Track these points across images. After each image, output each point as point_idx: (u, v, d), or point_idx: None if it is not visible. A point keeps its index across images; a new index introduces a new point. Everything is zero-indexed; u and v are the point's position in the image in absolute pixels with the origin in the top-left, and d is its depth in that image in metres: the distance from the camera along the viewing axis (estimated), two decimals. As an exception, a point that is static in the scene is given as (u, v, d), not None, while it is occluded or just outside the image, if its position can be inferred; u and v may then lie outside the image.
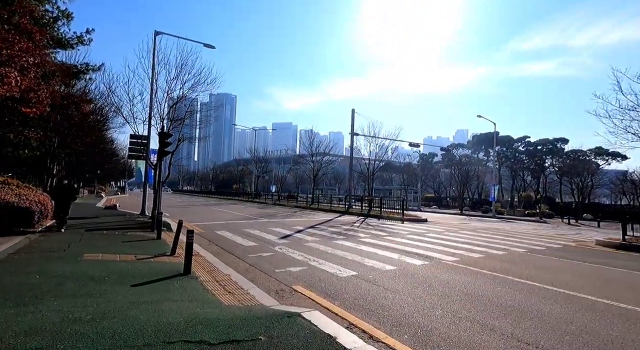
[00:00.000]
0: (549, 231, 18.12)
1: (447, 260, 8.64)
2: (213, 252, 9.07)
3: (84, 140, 13.68)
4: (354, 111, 27.18)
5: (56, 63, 10.34)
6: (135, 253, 7.65)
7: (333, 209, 27.45)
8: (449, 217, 28.70)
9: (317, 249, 9.79)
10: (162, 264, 6.90)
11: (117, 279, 5.40)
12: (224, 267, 7.32)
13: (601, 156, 50.41)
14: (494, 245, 11.55)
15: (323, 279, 6.54)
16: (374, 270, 7.38)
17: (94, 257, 6.90)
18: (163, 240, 9.88)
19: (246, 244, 10.42)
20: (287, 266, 7.63)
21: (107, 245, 8.36)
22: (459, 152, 65.35)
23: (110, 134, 31.44)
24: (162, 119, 14.37)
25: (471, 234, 14.85)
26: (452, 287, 6.21)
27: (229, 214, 22.32)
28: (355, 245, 10.62)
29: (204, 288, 5.48)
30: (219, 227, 14.37)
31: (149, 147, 16.83)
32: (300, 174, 68.34)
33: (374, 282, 6.36)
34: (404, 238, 12.56)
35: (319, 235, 12.65)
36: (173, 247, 8.17)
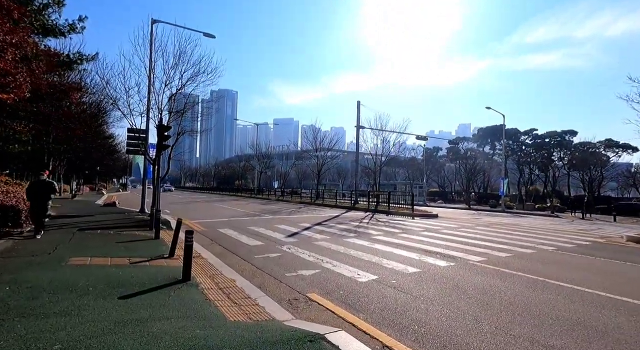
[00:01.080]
0: (567, 226, 17.26)
1: (473, 260, 7.84)
2: (216, 252, 8.30)
3: (75, 133, 12.88)
4: (359, 103, 26.27)
5: (40, 47, 9.54)
6: (129, 255, 6.88)
7: (339, 205, 26.67)
8: (457, 212, 27.87)
9: (328, 249, 9.01)
10: (158, 268, 6.13)
11: (104, 289, 4.63)
12: (228, 270, 6.54)
13: (611, 148, 49.20)
14: (518, 242, 10.74)
15: (341, 285, 5.75)
16: (396, 273, 6.59)
17: (81, 261, 6.13)
18: (161, 240, 9.12)
19: (251, 244, 9.66)
20: (298, 269, 6.85)
21: (99, 246, 7.60)
22: (464, 145, 64.21)
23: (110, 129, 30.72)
24: (160, 111, 13.56)
25: (488, 230, 14.02)
26: (490, 294, 5.41)
27: (231, 210, 21.57)
28: (369, 243, 9.83)
29: (206, 298, 4.70)
30: (221, 225, 13.61)
31: (148, 141, 16.04)
32: (303, 169, 67.53)
33: (399, 289, 5.57)
34: (419, 235, 11.76)
35: (328, 233, 11.87)
36: (172, 248, 7.40)
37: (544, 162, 54.13)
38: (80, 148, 22.49)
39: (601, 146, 49.56)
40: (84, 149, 23.36)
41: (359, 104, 26.26)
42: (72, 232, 9.35)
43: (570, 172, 50.47)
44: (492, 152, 60.55)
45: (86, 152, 25.31)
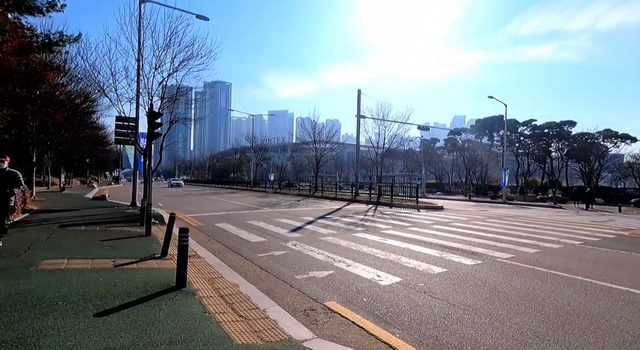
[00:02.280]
0: (577, 218, 16.64)
1: (500, 257, 7.08)
2: (214, 250, 7.45)
3: (55, 118, 11.78)
4: (359, 92, 25.32)
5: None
6: (115, 256, 5.99)
7: (339, 197, 25.88)
8: (459, 203, 27.24)
9: (337, 245, 8.21)
10: (148, 271, 5.26)
11: (77, 302, 3.75)
12: (230, 272, 5.70)
13: (610, 139, 48.90)
14: (538, 236, 10.01)
15: (361, 290, 4.95)
16: (420, 274, 5.80)
17: (56, 264, 5.23)
18: (153, 237, 8.25)
19: (253, 240, 8.82)
20: (308, 269, 6.03)
21: (80, 246, 6.69)
22: (462, 137, 63.60)
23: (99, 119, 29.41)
24: (150, 97, 12.50)
25: (501, 222, 13.32)
26: (538, 300, 4.63)
27: (228, 203, 20.68)
28: (381, 239, 9.04)
29: (205, 311, 3.87)
30: (218, 219, 12.75)
31: (138, 130, 15.02)
32: (300, 161, 66.58)
33: (431, 294, 4.78)
34: (431, 229, 11.00)
35: (334, 227, 11.07)
36: (164, 246, 6.54)
37: (542, 153, 53.77)
38: (67, 138, 21.28)
39: (600, 136, 49.25)
40: (71, 139, 22.15)
41: (359, 93, 25.31)
42: (52, 229, 8.40)
43: (568, 163, 50.20)
44: (490, 144, 60.09)
45: (73, 143, 24.07)
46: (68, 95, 14.42)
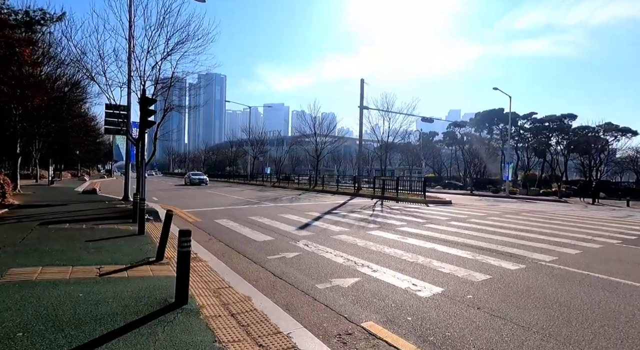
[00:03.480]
0: (594, 213, 15.93)
1: (543, 260, 6.26)
2: (217, 252, 6.55)
3: (33, 101, 10.68)
4: (362, 81, 24.30)
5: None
6: (101, 262, 5.07)
7: (340, 191, 25.03)
8: (464, 198, 26.56)
9: (354, 245, 7.35)
10: (141, 281, 4.35)
11: (44, 333, 2.84)
12: (238, 280, 4.82)
13: (610, 132, 48.48)
14: (569, 234, 9.23)
15: (401, 305, 4.09)
16: (462, 282, 4.95)
17: (26, 274, 4.29)
18: (147, 236, 7.32)
19: (259, 238, 7.93)
20: (329, 276, 5.17)
21: (61, 248, 5.74)
22: (461, 130, 62.93)
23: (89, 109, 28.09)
24: (143, 82, 11.44)
25: (519, 218, 12.55)
26: (625, 321, 3.81)
27: (226, 197, 19.72)
28: (400, 237, 8.20)
29: (214, 339, 2.98)
30: (218, 215, 11.82)
31: (130, 118, 13.96)
32: (297, 155, 65.59)
33: (487, 310, 3.93)
34: (449, 226, 10.19)
35: (344, 224, 10.21)
36: (160, 248, 5.61)
37: (542, 147, 53.27)
38: (55, 128, 20.06)
39: (600, 130, 48.82)
40: (59, 129, 20.92)
41: (362, 83, 24.30)
42: (31, 228, 7.41)
43: (568, 157, 49.79)
44: (490, 137, 59.49)
45: (62, 134, 22.82)
46: (49, 77, 13.22)
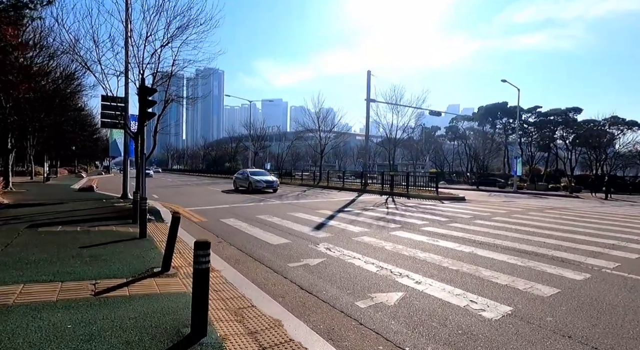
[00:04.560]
0: (618, 209, 15.16)
1: (606, 267, 5.47)
2: (230, 258, 5.75)
3: (18, 89, 9.79)
4: (369, 73, 23.39)
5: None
6: (97, 275, 4.25)
7: (346, 187, 24.22)
8: (472, 193, 25.79)
9: (381, 249, 6.56)
10: (145, 302, 3.54)
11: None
12: (261, 296, 4.02)
13: (616, 126, 47.74)
14: (614, 234, 8.44)
15: (468, 330, 3.30)
16: (529, 297, 4.16)
17: (2, 295, 3.46)
18: (149, 240, 6.52)
19: (273, 241, 7.13)
20: (367, 289, 4.38)
21: (50, 257, 4.91)
22: (464, 124, 62.08)
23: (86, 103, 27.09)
24: (141, 71, 10.56)
25: (547, 216, 11.77)
26: None
27: (229, 195, 18.89)
28: (429, 239, 7.41)
29: (250, 395, 2.17)
30: (223, 213, 11.01)
31: (128, 111, 13.06)
32: (297, 150, 64.71)
33: (584, 341, 3.14)
34: (475, 225, 9.41)
35: (362, 223, 9.42)
36: (165, 257, 4.80)
37: (547, 142, 52.52)
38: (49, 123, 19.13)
39: (606, 124, 48.07)
40: (53, 124, 19.98)
41: (369, 74, 23.39)
42: (18, 231, 6.57)
43: (574, 151, 49.09)
44: (493, 131, 58.66)
45: (56, 128, 21.86)
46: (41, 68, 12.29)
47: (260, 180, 20.12)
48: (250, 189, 19.84)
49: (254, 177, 20.53)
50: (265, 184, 19.93)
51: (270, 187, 19.99)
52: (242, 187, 20.93)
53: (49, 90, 15.05)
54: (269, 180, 20.57)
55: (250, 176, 20.69)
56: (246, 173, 21.67)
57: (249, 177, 20.61)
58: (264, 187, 19.72)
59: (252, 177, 20.50)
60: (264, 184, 19.88)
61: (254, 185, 19.74)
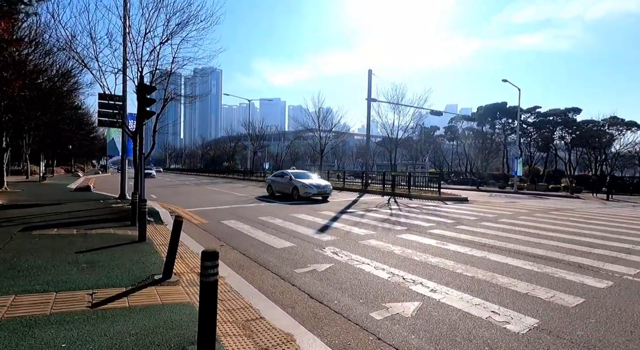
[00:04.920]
0: (620, 210, 14.99)
1: (628, 274, 5.26)
2: (233, 263, 5.51)
3: (13, 86, 9.48)
4: (370, 72, 23.16)
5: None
6: (94, 284, 3.99)
7: (347, 187, 23.99)
8: (473, 193, 25.61)
9: (390, 253, 6.33)
10: (146, 315, 3.29)
11: None
12: (269, 306, 3.78)
13: (615, 126, 47.76)
14: (627, 238, 8.26)
15: (494, 346, 3.07)
16: (554, 307, 3.94)
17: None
18: (149, 243, 6.25)
19: (278, 245, 6.88)
20: (381, 298, 4.15)
21: (44, 264, 4.65)
22: (463, 125, 61.99)
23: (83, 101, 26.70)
24: (140, 69, 10.28)
25: (554, 218, 11.57)
26: None
27: (229, 195, 18.62)
28: (439, 243, 7.18)
29: None
30: (224, 215, 10.75)
31: (126, 109, 12.76)
32: (296, 150, 64.47)
33: (621, 356, 2.91)
34: (482, 227, 9.19)
35: (367, 226, 9.18)
36: (167, 264, 4.55)
37: (545, 142, 52.51)
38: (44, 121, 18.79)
39: (605, 124, 48.08)
40: (49, 122, 19.63)
41: (370, 74, 23.16)
42: (10, 235, 6.28)
43: (573, 151, 49.09)
44: (493, 131, 58.58)
45: (52, 127, 21.50)
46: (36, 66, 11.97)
47: (310, 185, 15.67)
48: (295, 196, 15.66)
49: (301, 180, 16.24)
50: (316, 189, 15.58)
51: (323, 194, 15.88)
52: (282, 192, 16.83)
53: (45, 88, 14.71)
54: (321, 185, 16.02)
55: (296, 179, 16.34)
56: (288, 175, 17.26)
57: (293, 181, 16.29)
58: (315, 194, 15.53)
59: (299, 180, 16.20)
60: (315, 190, 15.53)
61: (302, 191, 15.47)
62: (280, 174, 18.39)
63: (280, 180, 17.43)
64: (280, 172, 18.97)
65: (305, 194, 15.43)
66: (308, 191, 15.48)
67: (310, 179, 16.94)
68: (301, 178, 16.64)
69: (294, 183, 16.07)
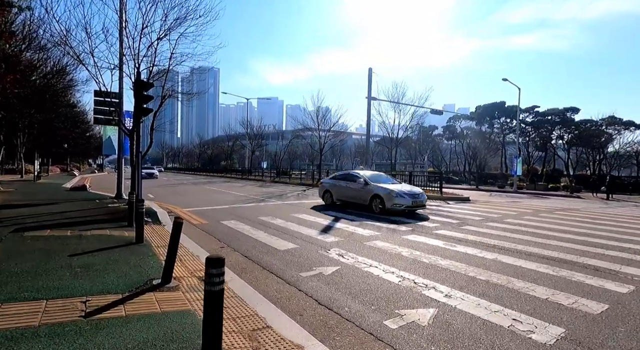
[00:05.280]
0: (623, 209, 14.83)
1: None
2: (235, 266, 5.26)
3: (2, 80, 9.20)
4: (370, 70, 22.91)
5: None
6: (88, 290, 3.73)
7: (347, 187, 23.71)
8: (473, 193, 25.46)
9: (398, 255, 6.10)
10: (145, 325, 3.03)
11: None
12: (276, 314, 3.54)
13: (613, 126, 47.82)
14: (635, 238, 8.06)
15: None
16: (578, 315, 3.72)
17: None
18: (146, 245, 5.99)
19: (280, 246, 6.64)
20: (393, 304, 3.92)
21: (35, 268, 4.38)
22: (462, 124, 61.90)
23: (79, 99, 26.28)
24: (137, 65, 9.98)
25: (560, 218, 11.38)
26: None
27: (227, 194, 18.34)
28: (446, 244, 6.96)
29: None
30: (224, 215, 10.49)
31: (122, 107, 12.46)
32: (294, 149, 64.16)
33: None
34: (488, 228, 8.99)
35: (370, 226, 8.95)
36: (166, 267, 4.29)
37: (544, 141, 52.52)
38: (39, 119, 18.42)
39: (603, 123, 48.14)
40: (43, 120, 19.26)
41: (370, 72, 22.90)
42: (1, 237, 6.00)
43: (571, 150, 49.14)
44: (491, 131, 58.54)
45: (47, 125, 21.11)
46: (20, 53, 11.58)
47: (401, 193, 10.97)
48: (376, 208, 11.17)
49: (384, 186, 11.53)
50: (410, 200, 10.89)
51: (419, 206, 11.26)
52: (350, 202, 12.45)
53: (39, 85, 14.37)
54: (415, 192, 11.35)
55: (375, 184, 11.68)
56: (361, 177, 12.29)
57: (370, 186, 11.66)
58: (409, 206, 10.87)
59: (381, 186, 11.50)
60: (409, 201, 10.85)
61: (388, 202, 10.86)
62: (346, 175, 13.39)
63: (346, 185, 12.59)
64: (345, 173, 13.86)
65: (395, 207, 10.72)
66: (399, 202, 10.76)
67: (395, 183, 12.49)
68: (383, 183, 11.92)
69: (373, 190, 11.40)
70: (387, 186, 11.56)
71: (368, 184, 11.87)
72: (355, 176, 12.75)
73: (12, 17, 10.04)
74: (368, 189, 11.73)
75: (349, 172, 13.97)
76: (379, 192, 11.27)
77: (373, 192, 11.43)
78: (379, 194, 11.21)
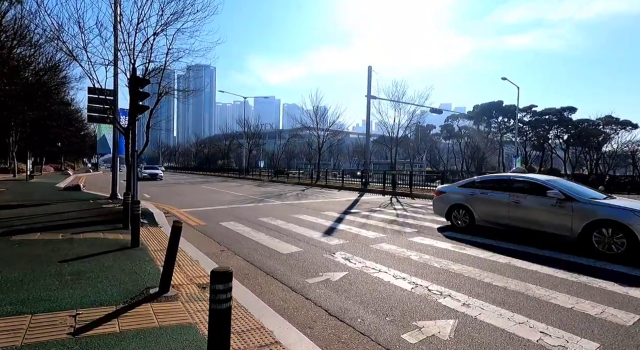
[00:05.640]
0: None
1: (666, 281, 4.82)
2: (237, 272, 4.97)
3: None
4: (370, 68, 22.64)
5: None
6: (79, 302, 3.42)
7: (346, 186, 23.49)
8: (474, 193, 25.34)
9: (407, 259, 5.84)
10: (142, 342, 2.74)
11: None
12: (284, 327, 3.26)
13: (610, 126, 47.95)
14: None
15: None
16: (609, 326, 3.47)
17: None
18: (143, 249, 5.68)
19: (283, 250, 6.35)
20: (409, 315, 3.64)
21: (22, 277, 4.06)
22: (460, 123, 61.85)
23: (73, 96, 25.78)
24: (132, 60, 9.63)
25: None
26: None
27: (226, 194, 18.00)
28: (455, 247, 6.70)
29: None
30: (222, 216, 10.18)
31: (117, 104, 12.09)
32: (291, 148, 63.82)
33: None
34: (495, 229, 8.73)
35: (374, 228, 8.68)
36: (164, 275, 3.99)
37: (541, 141, 52.60)
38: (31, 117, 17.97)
39: (600, 123, 48.26)
40: (35, 119, 18.80)
41: (370, 70, 22.64)
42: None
43: (569, 150, 49.28)
44: (488, 130, 58.54)
45: (39, 124, 20.63)
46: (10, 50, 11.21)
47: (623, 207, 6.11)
48: (602, 245, 6.02)
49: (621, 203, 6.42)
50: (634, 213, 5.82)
51: None
52: (526, 227, 7.23)
53: (32, 82, 13.95)
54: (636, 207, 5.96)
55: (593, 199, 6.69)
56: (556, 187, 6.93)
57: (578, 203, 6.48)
58: None
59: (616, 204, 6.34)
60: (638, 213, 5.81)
61: None
62: (506, 181, 7.97)
63: (510, 200, 7.51)
64: (504, 179, 8.18)
65: None
66: None
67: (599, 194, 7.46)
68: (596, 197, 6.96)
69: (594, 211, 6.28)
70: (623, 204, 6.42)
71: (574, 200, 6.57)
72: (534, 184, 7.38)
73: (4, 9, 9.66)
74: (577, 209, 6.46)
75: (507, 176, 8.41)
76: (614, 217, 5.98)
77: (593, 217, 6.20)
78: (618, 219, 5.92)
